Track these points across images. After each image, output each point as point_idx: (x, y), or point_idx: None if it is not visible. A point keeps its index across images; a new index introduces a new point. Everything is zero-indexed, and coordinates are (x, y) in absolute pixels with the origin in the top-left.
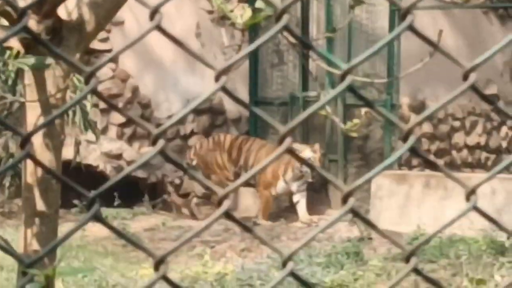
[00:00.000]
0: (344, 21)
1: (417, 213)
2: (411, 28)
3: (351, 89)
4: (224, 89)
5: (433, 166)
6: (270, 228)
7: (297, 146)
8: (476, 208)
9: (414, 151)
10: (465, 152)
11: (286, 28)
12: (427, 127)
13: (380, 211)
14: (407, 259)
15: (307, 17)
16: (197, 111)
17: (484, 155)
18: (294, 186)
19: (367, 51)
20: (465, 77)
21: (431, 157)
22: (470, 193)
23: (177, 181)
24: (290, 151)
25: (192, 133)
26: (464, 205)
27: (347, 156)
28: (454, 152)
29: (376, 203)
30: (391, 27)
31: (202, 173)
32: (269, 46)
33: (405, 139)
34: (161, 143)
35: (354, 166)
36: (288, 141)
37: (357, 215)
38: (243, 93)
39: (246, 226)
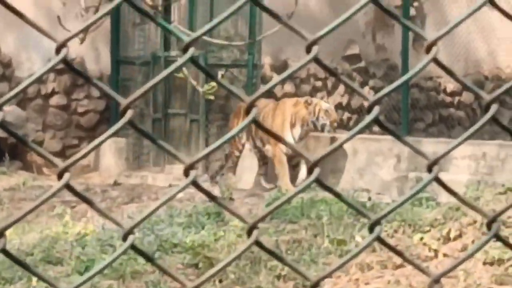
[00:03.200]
0: None
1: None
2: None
3: (193, 61)
4: (64, 61)
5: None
6: (131, 188)
7: (310, 99)
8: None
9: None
10: None
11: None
12: (289, 87)
13: (241, 171)
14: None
15: None
16: (57, 70)
17: (346, 115)
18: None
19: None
20: (308, 49)
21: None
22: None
23: (40, 139)
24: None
25: (53, 92)
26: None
27: (208, 116)
28: None
29: (238, 165)
30: None
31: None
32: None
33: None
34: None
35: (216, 126)
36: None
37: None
38: (105, 53)
39: (85, 198)
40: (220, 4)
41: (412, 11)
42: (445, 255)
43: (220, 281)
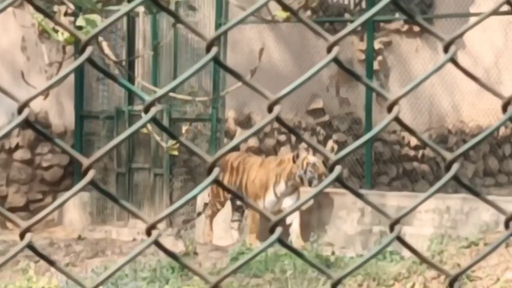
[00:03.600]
0: (170, 35)
1: None
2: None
3: (155, 120)
4: (26, 121)
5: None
6: (95, 242)
7: (298, 153)
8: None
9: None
10: None
11: (89, 60)
12: (253, 142)
13: (205, 225)
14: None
15: (133, 31)
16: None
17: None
18: (285, 202)
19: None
20: (270, 109)
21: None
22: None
23: (4, 193)
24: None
25: (18, 146)
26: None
27: (172, 171)
28: None
29: (202, 217)
30: (217, 40)
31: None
32: (95, 60)
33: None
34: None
35: (180, 180)
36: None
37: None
38: (69, 107)
39: (47, 258)
40: (184, 59)
41: (376, 65)
42: None
43: None
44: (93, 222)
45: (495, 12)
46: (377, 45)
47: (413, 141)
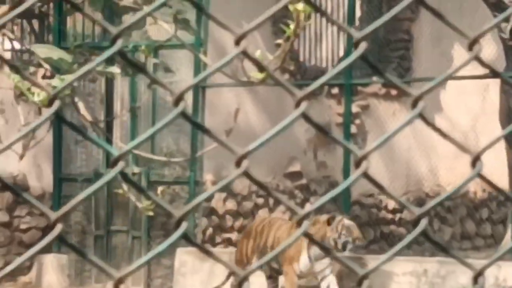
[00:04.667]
0: (147, 97)
1: None
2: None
3: (122, 174)
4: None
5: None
6: None
7: (334, 216)
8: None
9: None
10: None
11: (57, 115)
12: (231, 204)
13: (183, 287)
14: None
15: (111, 93)
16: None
17: None
18: (317, 266)
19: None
20: (238, 164)
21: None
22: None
23: None
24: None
25: None
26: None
27: (150, 233)
28: None
29: (180, 279)
30: (195, 102)
31: None
32: (73, 122)
33: None
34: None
35: (158, 243)
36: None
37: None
38: (47, 170)
39: None
40: (161, 120)
41: (353, 129)
42: None
43: None
44: (71, 284)
45: (472, 76)
46: (354, 108)
47: (391, 205)
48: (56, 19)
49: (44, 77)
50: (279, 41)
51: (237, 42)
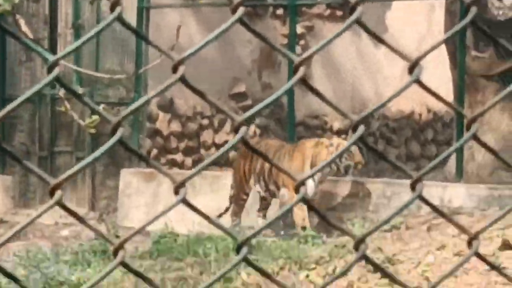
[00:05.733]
0: (91, 17)
1: None
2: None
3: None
4: None
5: None
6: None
7: (332, 139)
8: (184, 201)
9: None
10: (213, 150)
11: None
12: (175, 126)
13: (128, 208)
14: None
15: (55, 13)
16: None
17: (233, 152)
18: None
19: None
20: (174, 69)
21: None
22: (179, 186)
23: None
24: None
25: None
26: (213, 201)
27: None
28: (202, 150)
29: (124, 200)
30: (139, 24)
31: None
32: (17, 43)
33: None
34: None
35: (102, 164)
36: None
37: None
38: None
39: None
40: (106, 38)
41: (298, 50)
42: None
43: None
44: (15, 206)
45: None
46: (299, 29)
47: (336, 126)
48: None
49: None
50: None
51: None
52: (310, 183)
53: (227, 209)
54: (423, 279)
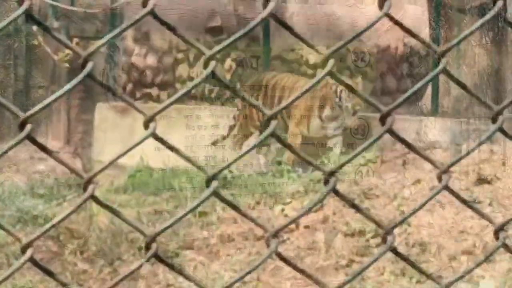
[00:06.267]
0: None
1: (140, 145)
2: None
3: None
4: None
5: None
6: None
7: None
8: (154, 135)
9: None
10: (188, 84)
11: None
12: (151, 60)
13: (104, 143)
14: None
15: None
16: None
17: (208, 87)
18: (329, 128)
19: None
20: (144, 4)
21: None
22: (149, 121)
23: None
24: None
25: None
26: (189, 136)
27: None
28: (177, 85)
29: (100, 135)
30: None
31: None
32: None
33: None
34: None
35: (77, 98)
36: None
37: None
38: None
39: None
40: None
41: None
42: (306, 226)
43: (82, 252)
44: None
45: None
46: None
47: (311, 59)
48: None
49: None
50: None
51: None
52: (315, 121)
53: (224, 138)
54: (399, 214)
